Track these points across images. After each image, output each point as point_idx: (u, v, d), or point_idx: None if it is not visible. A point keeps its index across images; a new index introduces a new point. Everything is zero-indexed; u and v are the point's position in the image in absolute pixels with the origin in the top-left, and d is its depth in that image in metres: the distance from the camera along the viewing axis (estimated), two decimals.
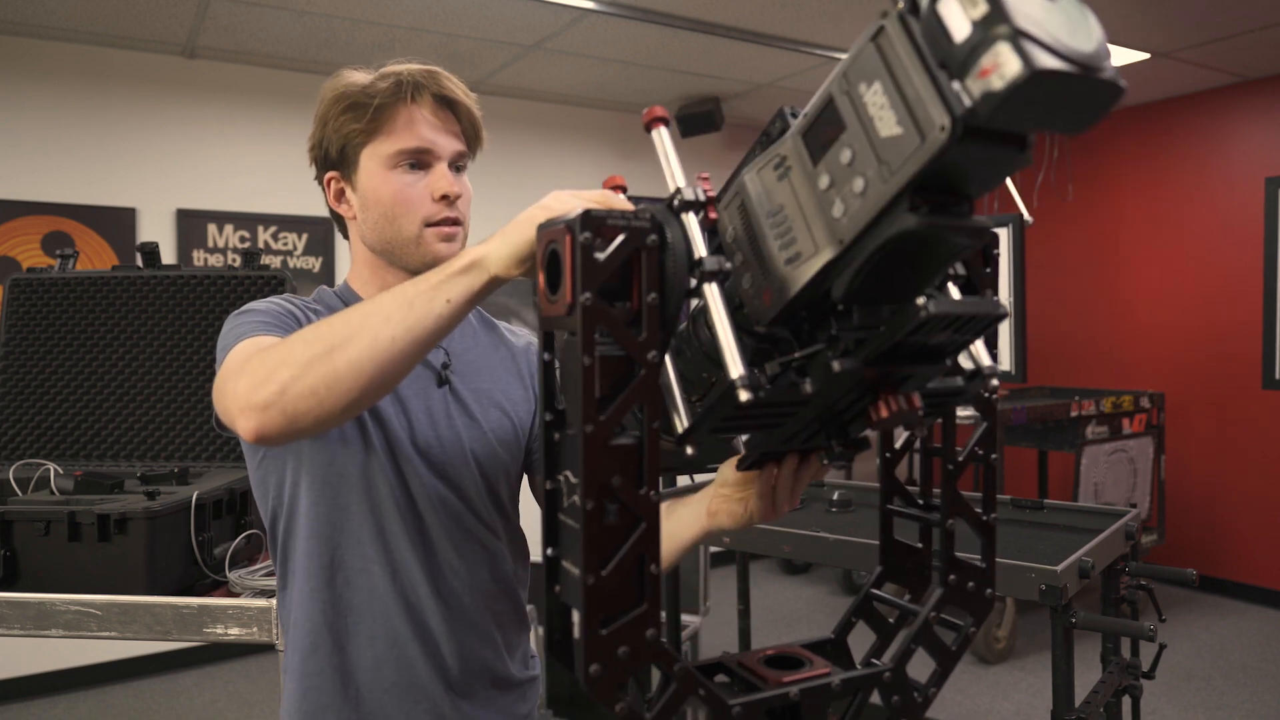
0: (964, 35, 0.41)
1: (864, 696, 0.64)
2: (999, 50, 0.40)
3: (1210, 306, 4.79)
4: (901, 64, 0.45)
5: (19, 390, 1.93)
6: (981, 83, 0.40)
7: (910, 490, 0.72)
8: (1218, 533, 4.81)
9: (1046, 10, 0.40)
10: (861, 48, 0.47)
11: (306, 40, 3.84)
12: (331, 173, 1.13)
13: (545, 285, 0.55)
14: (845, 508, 2.47)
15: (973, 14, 0.41)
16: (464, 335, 1.21)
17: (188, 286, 1.94)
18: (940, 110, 0.42)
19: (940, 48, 0.43)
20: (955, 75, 0.42)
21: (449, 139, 1.11)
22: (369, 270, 1.15)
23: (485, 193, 5.01)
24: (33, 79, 3.81)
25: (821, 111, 0.50)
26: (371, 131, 1.08)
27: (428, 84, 1.09)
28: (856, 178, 0.48)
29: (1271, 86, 4.57)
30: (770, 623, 4.46)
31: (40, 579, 1.54)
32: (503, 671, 1.17)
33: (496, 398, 1.18)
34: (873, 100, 0.46)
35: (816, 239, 0.51)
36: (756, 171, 0.55)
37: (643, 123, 0.63)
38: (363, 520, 1.08)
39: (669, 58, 4.18)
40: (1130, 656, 2.16)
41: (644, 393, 0.52)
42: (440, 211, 1.09)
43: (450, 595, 1.11)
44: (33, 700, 3.72)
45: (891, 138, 0.45)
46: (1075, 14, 0.41)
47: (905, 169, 0.45)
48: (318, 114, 1.12)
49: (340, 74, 1.11)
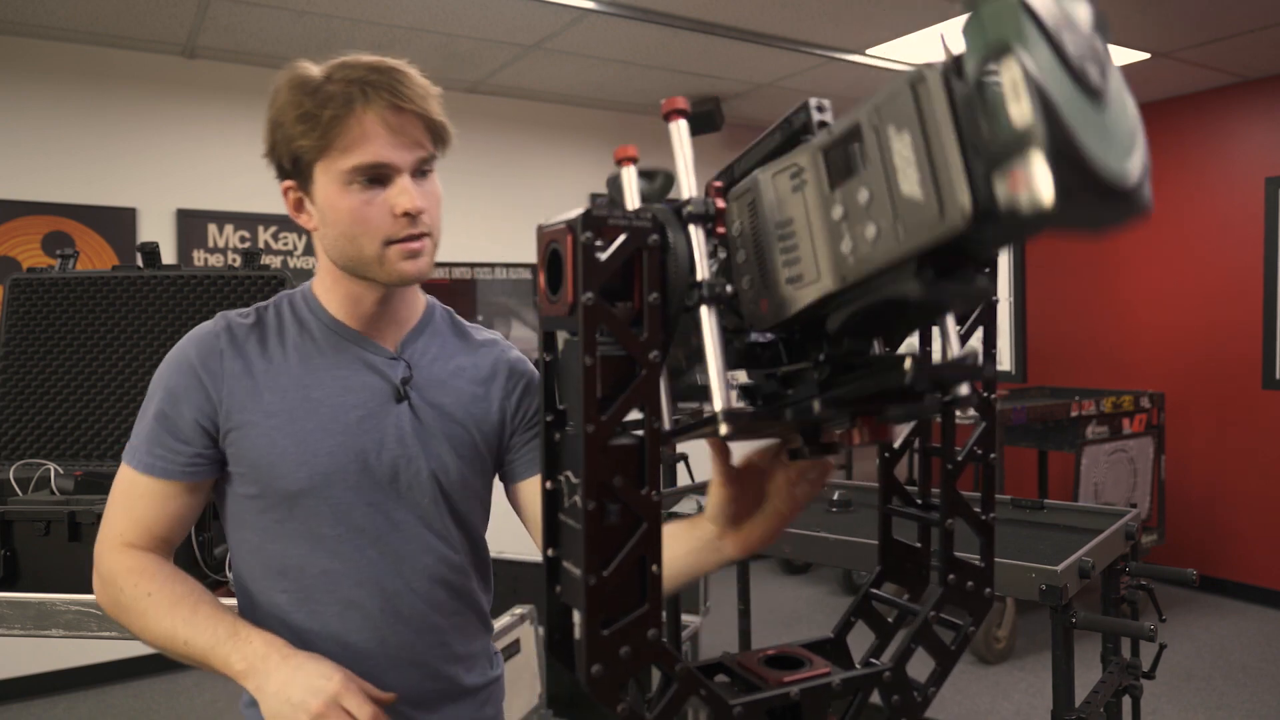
0: (1003, 129, 0.39)
1: (864, 696, 0.64)
2: (1033, 165, 0.38)
3: (1210, 306, 4.79)
4: (936, 126, 0.42)
5: (19, 390, 1.93)
6: (1009, 193, 0.39)
7: (909, 490, 0.72)
8: (1218, 533, 4.81)
9: (1092, 123, 0.38)
10: (898, 89, 0.44)
11: (306, 40, 3.84)
12: (288, 182, 1.07)
13: (546, 285, 0.55)
14: (845, 508, 2.47)
15: (1016, 114, 0.38)
16: (428, 344, 1.16)
17: (188, 286, 1.94)
18: (965, 194, 0.41)
19: (977, 128, 0.40)
20: (986, 163, 0.40)
21: (407, 148, 1.02)
22: (331, 279, 1.12)
23: (485, 193, 5.04)
24: (33, 79, 3.80)
25: (847, 136, 0.49)
26: (323, 147, 1.01)
27: (381, 86, 1.00)
28: (870, 223, 0.47)
29: (1271, 86, 4.57)
30: (770, 623, 4.46)
31: (40, 579, 1.55)
32: (465, 682, 1.17)
33: (458, 412, 1.14)
34: (900, 150, 0.44)
35: (820, 266, 0.51)
36: (772, 175, 0.54)
37: (662, 114, 0.62)
38: (314, 540, 1.08)
39: (669, 58, 4.18)
40: (1130, 656, 2.16)
41: (645, 393, 0.52)
42: (403, 229, 1.03)
43: (409, 613, 1.11)
44: (33, 700, 3.72)
45: (912, 199, 0.44)
46: (1124, 127, 0.39)
47: (919, 236, 0.44)
48: (270, 115, 1.05)
49: (293, 69, 1.04)
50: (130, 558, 1.06)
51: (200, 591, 1.05)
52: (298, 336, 1.11)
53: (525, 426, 1.19)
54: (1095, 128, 0.38)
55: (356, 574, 1.08)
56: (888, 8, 3.55)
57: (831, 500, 2.50)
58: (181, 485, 1.08)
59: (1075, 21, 0.40)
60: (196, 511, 1.12)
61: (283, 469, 1.06)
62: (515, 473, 1.19)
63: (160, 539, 1.09)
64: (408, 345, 1.15)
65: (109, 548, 1.08)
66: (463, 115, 5.28)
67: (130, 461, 1.09)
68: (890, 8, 3.55)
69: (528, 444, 1.19)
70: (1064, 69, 0.38)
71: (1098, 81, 0.39)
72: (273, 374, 1.08)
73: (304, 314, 1.13)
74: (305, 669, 0.95)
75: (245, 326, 1.10)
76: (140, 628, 1.04)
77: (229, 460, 1.08)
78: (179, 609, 1.02)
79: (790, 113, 0.58)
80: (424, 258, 1.06)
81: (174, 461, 1.07)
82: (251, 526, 1.09)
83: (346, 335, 1.12)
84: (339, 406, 1.08)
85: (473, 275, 4.80)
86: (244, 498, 1.09)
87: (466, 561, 1.16)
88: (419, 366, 1.14)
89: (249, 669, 0.97)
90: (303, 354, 1.10)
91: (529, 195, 4.90)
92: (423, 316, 1.18)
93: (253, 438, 1.06)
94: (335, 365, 1.10)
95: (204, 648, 1.00)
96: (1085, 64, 0.39)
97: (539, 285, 0.55)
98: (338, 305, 1.12)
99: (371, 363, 1.11)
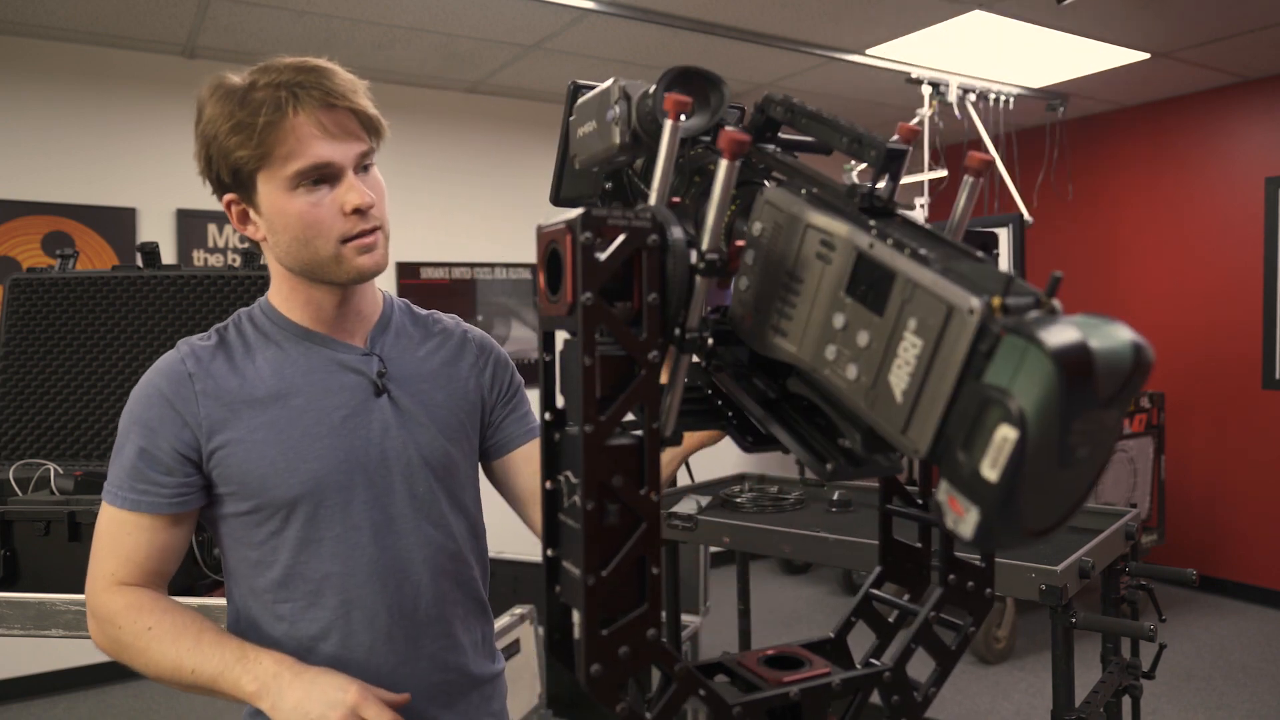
0: (968, 465, 0.40)
1: (864, 696, 0.64)
2: (971, 513, 0.40)
3: (1210, 306, 4.79)
4: (944, 363, 0.43)
5: (19, 390, 1.93)
6: (944, 503, 0.42)
7: (910, 490, 0.72)
8: (1218, 533, 4.81)
9: (1047, 484, 0.39)
10: (938, 302, 0.44)
11: (306, 40, 3.84)
12: (229, 195, 1.06)
13: (545, 285, 0.55)
14: (845, 508, 2.47)
15: (986, 470, 0.39)
16: (396, 336, 1.17)
17: (188, 286, 1.94)
18: (928, 441, 0.43)
19: (966, 420, 0.41)
20: (959, 446, 0.41)
21: (347, 144, 1.02)
22: (289, 287, 1.11)
23: (485, 193, 5.04)
24: (33, 79, 3.81)
25: (882, 270, 0.48)
26: (262, 155, 1.00)
27: (310, 86, 1.00)
28: (854, 365, 0.49)
29: (1271, 86, 4.57)
30: (770, 623, 4.46)
31: (40, 579, 1.55)
32: (473, 670, 1.18)
33: (437, 395, 1.15)
34: (908, 344, 0.45)
35: (804, 340, 0.52)
36: (806, 225, 0.53)
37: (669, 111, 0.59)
38: (314, 545, 1.08)
39: (669, 58, 4.18)
40: (1130, 656, 2.16)
41: (644, 393, 0.52)
42: (355, 226, 1.03)
43: (412, 606, 1.11)
44: (33, 700, 3.72)
45: (891, 392, 0.45)
46: (1077, 485, 0.41)
47: (879, 421, 0.47)
48: (199, 129, 1.03)
49: (215, 81, 1.03)
50: (125, 595, 1.06)
51: (200, 620, 1.05)
52: (265, 349, 1.10)
53: (504, 400, 1.22)
54: (1048, 490, 0.40)
55: (358, 573, 1.08)
56: (888, 8, 3.55)
57: (831, 500, 2.50)
58: (169, 518, 1.07)
59: (1108, 393, 0.39)
60: (186, 541, 1.10)
61: (273, 480, 1.05)
62: (503, 445, 1.22)
63: (153, 573, 1.08)
64: (376, 339, 1.15)
65: (101, 588, 1.07)
66: (463, 115, 5.28)
67: (113, 501, 1.08)
68: (890, 8, 3.55)
69: (509, 416, 1.22)
70: (1057, 447, 0.38)
71: (1082, 455, 0.40)
72: (247, 389, 1.07)
73: (266, 326, 1.12)
74: (320, 683, 0.95)
75: (209, 348, 1.09)
76: (144, 663, 1.04)
77: (216, 482, 1.07)
78: (182, 639, 1.02)
79: (864, 131, 0.55)
80: (379, 251, 1.06)
81: (159, 495, 1.06)
82: (249, 543, 1.08)
83: (315, 339, 1.11)
84: (321, 410, 1.08)
85: (473, 275, 4.80)
86: (237, 516, 1.08)
87: (464, 549, 1.17)
88: (391, 358, 1.14)
89: (261, 689, 0.97)
90: (274, 365, 1.09)
91: (529, 195, 4.90)
92: (384, 310, 1.18)
93: (239, 455, 1.05)
94: (309, 370, 1.09)
95: (212, 674, 0.99)
96: (1080, 445, 0.39)
97: (539, 285, 0.55)
98: (299, 311, 1.11)
99: (345, 362, 1.11)
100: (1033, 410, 0.38)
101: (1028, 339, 0.38)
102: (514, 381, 1.25)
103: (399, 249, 4.56)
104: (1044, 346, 0.37)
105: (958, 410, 0.42)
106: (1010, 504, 0.39)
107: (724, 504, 2.55)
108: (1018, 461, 0.38)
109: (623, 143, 0.66)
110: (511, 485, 1.23)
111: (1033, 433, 0.38)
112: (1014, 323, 0.39)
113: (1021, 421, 0.38)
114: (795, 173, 0.60)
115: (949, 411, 0.42)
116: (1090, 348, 0.37)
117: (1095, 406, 0.38)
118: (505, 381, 1.23)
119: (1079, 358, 0.37)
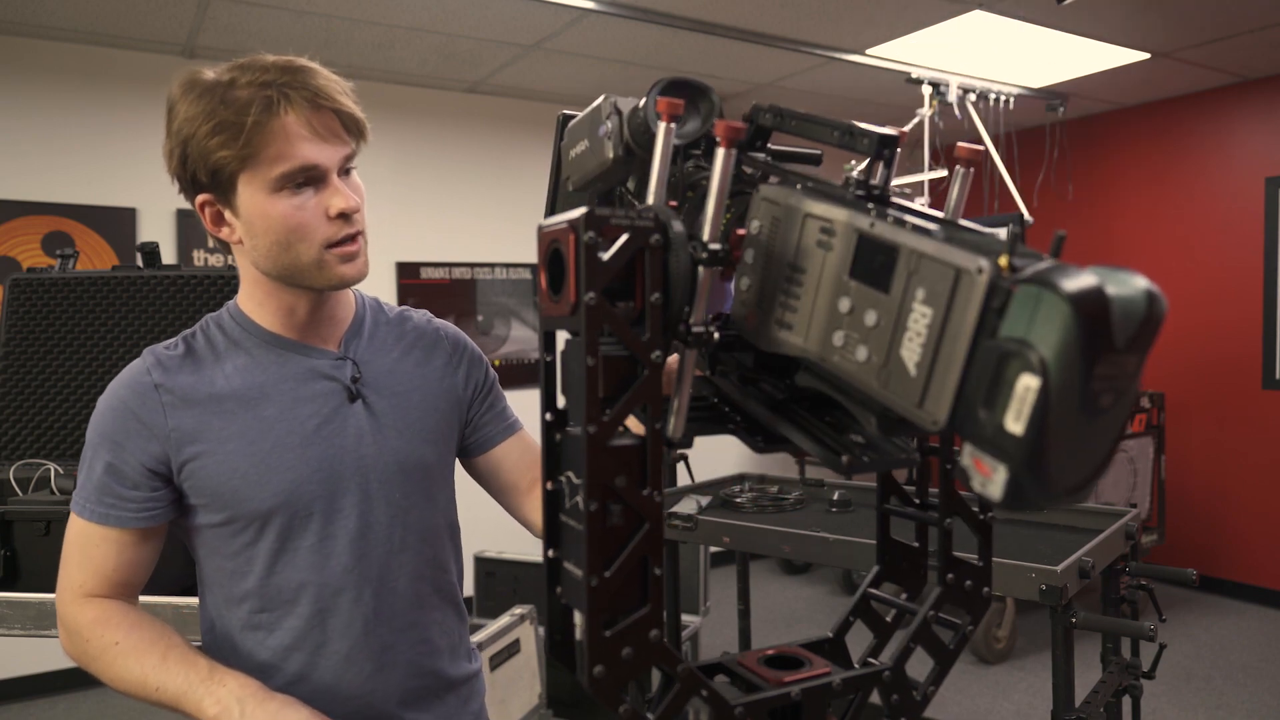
0: (992, 422, 0.40)
1: (864, 696, 0.64)
2: (998, 472, 0.39)
3: (1210, 306, 4.79)
4: (955, 329, 0.42)
5: (19, 390, 1.93)
6: (970, 466, 0.41)
7: (908, 490, 0.72)
8: (1218, 533, 4.81)
9: (1074, 437, 0.39)
10: (945, 268, 0.43)
11: (306, 40, 3.84)
12: (204, 196, 1.03)
13: (547, 285, 0.55)
14: (845, 508, 2.47)
15: (1010, 424, 0.39)
16: (370, 339, 1.14)
17: (188, 286, 1.94)
18: (945, 409, 0.42)
19: (985, 378, 0.40)
20: (980, 404, 0.40)
21: (333, 146, 1.00)
22: (262, 292, 1.08)
23: (485, 193, 5.03)
24: (33, 79, 3.80)
25: (885, 247, 0.48)
26: (247, 156, 0.96)
27: (299, 86, 0.97)
28: (864, 347, 0.48)
29: (1271, 86, 4.57)
30: (770, 623, 4.46)
31: (40, 579, 1.55)
32: (450, 673, 1.17)
33: (414, 396, 1.13)
34: (918, 315, 0.45)
35: (811, 331, 0.52)
36: (804, 215, 0.53)
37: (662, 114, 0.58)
38: (289, 555, 1.06)
39: (669, 58, 4.18)
40: (1130, 656, 2.16)
41: (647, 393, 0.52)
42: (340, 230, 1.01)
43: (389, 612, 1.10)
44: (33, 700, 3.72)
45: (904, 366, 0.45)
46: (1104, 438, 0.40)
47: (894, 400, 0.46)
48: (172, 126, 1.00)
49: (186, 76, 1.00)
50: (93, 608, 1.04)
51: (169, 636, 1.03)
52: (235, 356, 1.08)
53: (481, 397, 1.21)
54: (1075, 441, 0.39)
55: (334, 582, 1.06)
56: (888, 8, 3.55)
57: (831, 500, 2.50)
58: (138, 532, 1.05)
59: (1125, 337, 0.39)
60: (156, 553, 1.09)
61: (246, 492, 1.03)
62: (483, 444, 1.21)
63: (121, 585, 1.07)
64: (350, 343, 1.12)
65: (70, 599, 1.06)
66: (462, 115, 5.28)
67: (81, 513, 1.05)
68: (890, 8, 3.55)
69: (487, 414, 1.21)
70: (1080, 394, 0.38)
71: (1105, 403, 0.39)
72: (216, 399, 1.04)
73: (236, 333, 1.09)
74: (283, 715, 0.94)
75: (176, 357, 1.06)
76: (111, 677, 1.03)
77: (188, 494, 1.05)
78: (148, 656, 1.00)
79: (860, 127, 0.55)
80: (360, 258, 1.04)
81: (126, 509, 1.03)
82: (223, 553, 1.06)
83: (287, 346, 1.09)
84: (294, 419, 1.05)
85: (473, 275, 4.80)
86: (211, 527, 1.06)
87: (441, 553, 1.16)
88: (365, 362, 1.12)
89: (223, 713, 0.95)
90: (245, 373, 1.06)
91: (529, 195, 4.89)
92: (357, 312, 1.16)
93: (210, 467, 1.03)
94: (281, 379, 1.07)
95: (176, 693, 0.98)
96: (1104, 392, 0.39)
97: (539, 285, 0.55)
98: (271, 317, 1.09)
99: (318, 368, 1.09)
100: (1053, 355, 0.37)
101: (1042, 285, 0.38)
102: (489, 377, 1.24)
103: (399, 249, 4.56)
104: (1060, 290, 0.38)
105: (975, 370, 0.41)
106: (1038, 456, 0.38)
107: (724, 504, 2.55)
108: (1042, 410, 0.38)
109: (616, 156, 0.66)
110: (494, 479, 1.23)
111: (1055, 378, 0.37)
112: (1028, 273, 0.40)
113: (1043, 368, 0.37)
114: (788, 175, 0.60)
115: (965, 374, 0.42)
116: (1105, 291, 0.38)
117: (1114, 350, 0.38)
118: (480, 379, 1.22)
119: (1095, 300, 0.37)
